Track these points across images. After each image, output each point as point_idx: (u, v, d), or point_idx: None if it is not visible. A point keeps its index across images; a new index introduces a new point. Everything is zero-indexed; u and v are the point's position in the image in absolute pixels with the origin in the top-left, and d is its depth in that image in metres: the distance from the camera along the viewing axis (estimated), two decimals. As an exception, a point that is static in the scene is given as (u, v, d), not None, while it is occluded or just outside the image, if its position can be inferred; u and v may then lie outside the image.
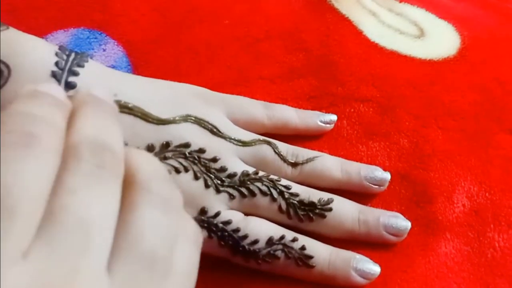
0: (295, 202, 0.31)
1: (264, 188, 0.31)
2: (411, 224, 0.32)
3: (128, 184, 0.18)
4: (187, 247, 0.19)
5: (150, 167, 0.19)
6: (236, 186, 0.31)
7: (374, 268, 0.30)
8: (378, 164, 0.34)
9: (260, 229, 0.30)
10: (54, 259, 0.15)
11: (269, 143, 0.32)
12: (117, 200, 0.17)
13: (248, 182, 0.31)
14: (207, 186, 0.30)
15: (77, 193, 0.16)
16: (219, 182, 0.30)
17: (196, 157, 0.30)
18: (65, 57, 0.29)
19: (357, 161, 0.34)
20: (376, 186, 0.33)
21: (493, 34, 0.43)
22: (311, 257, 0.29)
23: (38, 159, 0.16)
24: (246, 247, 0.29)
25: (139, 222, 0.17)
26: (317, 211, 0.31)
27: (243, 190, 0.31)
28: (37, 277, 0.15)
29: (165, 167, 0.20)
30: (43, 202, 0.16)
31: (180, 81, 0.34)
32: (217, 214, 0.30)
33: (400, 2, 0.44)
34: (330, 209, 0.31)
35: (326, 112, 0.36)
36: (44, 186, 0.16)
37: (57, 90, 0.19)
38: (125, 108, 0.29)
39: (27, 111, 0.17)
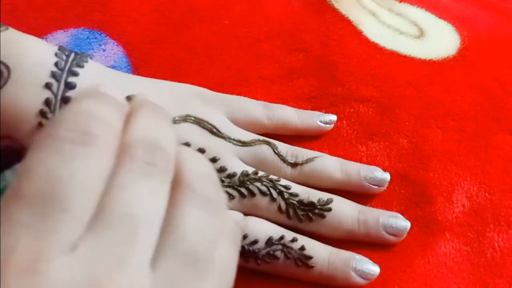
0: (295, 202, 0.31)
1: (263, 188, 0.31)
2: (411, 224, 0.32)
3: (176, 184, 0.19)
4: (226, 247, 0.20)
5: (197, 168, 0.20)
6: (235, 186, 0.31)
7: (374, 269, 0.30)
8: (377, 164, 0.34)
9: (259, 229, 0.30)
10: (101, 252, 0.16)
11: (268, 143, 0.32)
12: (165, 198, 0.18)
13: (248, 182, 0.31)
14: None
15: (127, 190, 0.17)
16: None
17: None
18: (64, 57, 0.29)
19: (356, 161, 0.34)
20: (376, 187, 0.33)
21: (493, 34, 0.43)
22: (310, 257, 0.29)
23: (94, 158, 0.17)
24: (246, 247, 0.29)
25: (183, 221, 0.18)
26: (316, 211, 0.31)
27: (243, 190, 0.31)
28: (83, 269, 0.15)
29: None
30: (95, 198, 0.17)
31: (180, 81, 0.34)
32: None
33: (400, 2, 0.44)
34: (330, 209, 0.31)
35: (326, 112, 0.36)
36: (97, 184, 0.17)
37: (116, 92, 0.20)
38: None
39: (87, 110, 0.18)
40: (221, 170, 0.31)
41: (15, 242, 0.15)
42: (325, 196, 0.31)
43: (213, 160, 0.31)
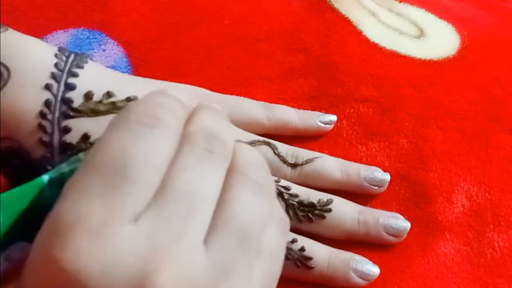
0: (295, 203, 0.31)
1: (263, 189, 0.31)
2: (411, 225, 0.32)
3: (230, 170, 0.20)
4: (275, 232, 0.21)
5: (250, 157, 0.21)
6: None
7: (374, 269, 0.30)
8: (377, 165, 0.34)
9: (259, 230, 0.30)
10: (161, 225, 0.17)
11: (268, 144, 0.32)
12: (220, 181, 0.20)
13: None
14: None
15: (187, 171, 0.19)
16: None
17: None
18: (64, 58, 0.29)
19: (356, 161, 0.34)
20: (376, 187, 0.33)
21: (493, 34, 0.43)
22: (310, 258, 0.29)
23: (160, 139, 0.19)
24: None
25: (234, 201, 0.19)
26: (316, 212, 0.31)
27: None
28: (143, 239, 0.17)
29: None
30: (159, 175, 0.18)
31: (180, 81, 0.34)
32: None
33: (400, 2, 0.44)
34: (330, 210, 0.31)
35: (326, 113, 0.36)
36: (162, 162, 0.19)
37: (182, 94, 0.22)
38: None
39: (156, 100, 0.20)
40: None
41: (85, 208, 0.17)
42: (325, 196, 0.31)
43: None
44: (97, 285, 0.16)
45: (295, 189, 0.31)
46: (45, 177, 0.21)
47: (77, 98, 0.29)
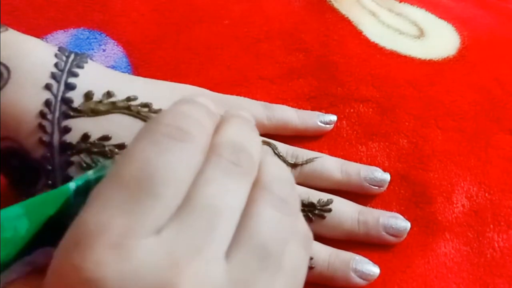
0: (295, 203, 0.31)
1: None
2: (411, 225, 0.32)
3: (255, 184, 0.20)
4: (297, 248, 0.21)
5: (276, 171, 0.21)
6: None
7: (374, 269, 0.30)
8: (377, 165, 0.34)
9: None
10: (182, 238, 0.17)
11: (269, 144, 0.32)
12: (245, 195, 0.20)
13: None
14: None
15: (212, 183, 0.19)
16: None
17: None
18: (64, 58, 0.29)
19: (356, 161, 0.34)
20: (376, 187, 0.33)
21: (493, 34, 0.43)
22: (310, 258, 0.29)
23: (187, 152, 0.19)
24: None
25: (257, 217, 0.19)
26: (316, 212, 0.31)
27: None
28: (164, 252, 0.17)
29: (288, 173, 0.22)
30: (184, 189, 0.18)
31: (180, 81, 0.34)
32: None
33: (400, 2, 0.44)
34: (330, 210, 0.31)
35: (326, 113, 0.36)
36: (187, 176, 0.19)
37: (210, 103, 0.22)
38: (125, 109, 0.29)
39: (184, 111, 0.20)
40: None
41: (108, 219, 0.17)
42: (325, 196, 0.31)
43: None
44: None
45: (295, 189, 0.31)
46: (72, 185, 0.21)
47: (77, 98, 0.29)
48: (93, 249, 0.17)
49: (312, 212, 0.31)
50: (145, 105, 0.30)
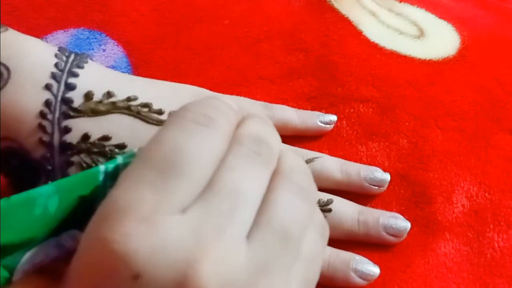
0: (295, 203, 0.31)
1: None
2: (411, 225, 0.32)
3: (275, 173, 0.21)
4: (315, 236, 0.22)
5: (294, 162, 0.22)
6: None
7: (374, 269, 0.30)
8: (377, 165, 0.34)
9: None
10: (206, 218, 0.18)
11: (268, 144, 0.32)
12: (264, 183, 0.21)
13: None
14: None
15: (235, 170, 0.20)
16: None
17: None
18: (64, 58, 0.29)
19: (356, 161, 0.34)
20: (376, 187, 0.33)
21: (493, 34, 0.43)
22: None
23: (212, 138, 0.20)
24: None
25: (277, 202, 0.20)
26: (316, 212, 0.31)
27: None
28: (189, 230, 0.18)
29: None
30: (209, 172, 0.19)
31: (180, 81, 0.34)
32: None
33: (400, 2, 0.44)
34: (330, 210, 0.31)
35: (326, 113, 0.36)
36: (212, 160, 0.20)
37: (232, 102, 0.23)
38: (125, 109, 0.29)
39: (210, 102, 0.22)
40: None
41: (137, 195, 0.18)
42: (325, 196, 0.31)
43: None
44: (143, 269, 0.17)
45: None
46: (102, 167, 0.22)
47: (77, 98, 0.28)
48: (122, 223, 0.18)
49: (312, 212, 0.31)
50: (145, 105, 0.30)
